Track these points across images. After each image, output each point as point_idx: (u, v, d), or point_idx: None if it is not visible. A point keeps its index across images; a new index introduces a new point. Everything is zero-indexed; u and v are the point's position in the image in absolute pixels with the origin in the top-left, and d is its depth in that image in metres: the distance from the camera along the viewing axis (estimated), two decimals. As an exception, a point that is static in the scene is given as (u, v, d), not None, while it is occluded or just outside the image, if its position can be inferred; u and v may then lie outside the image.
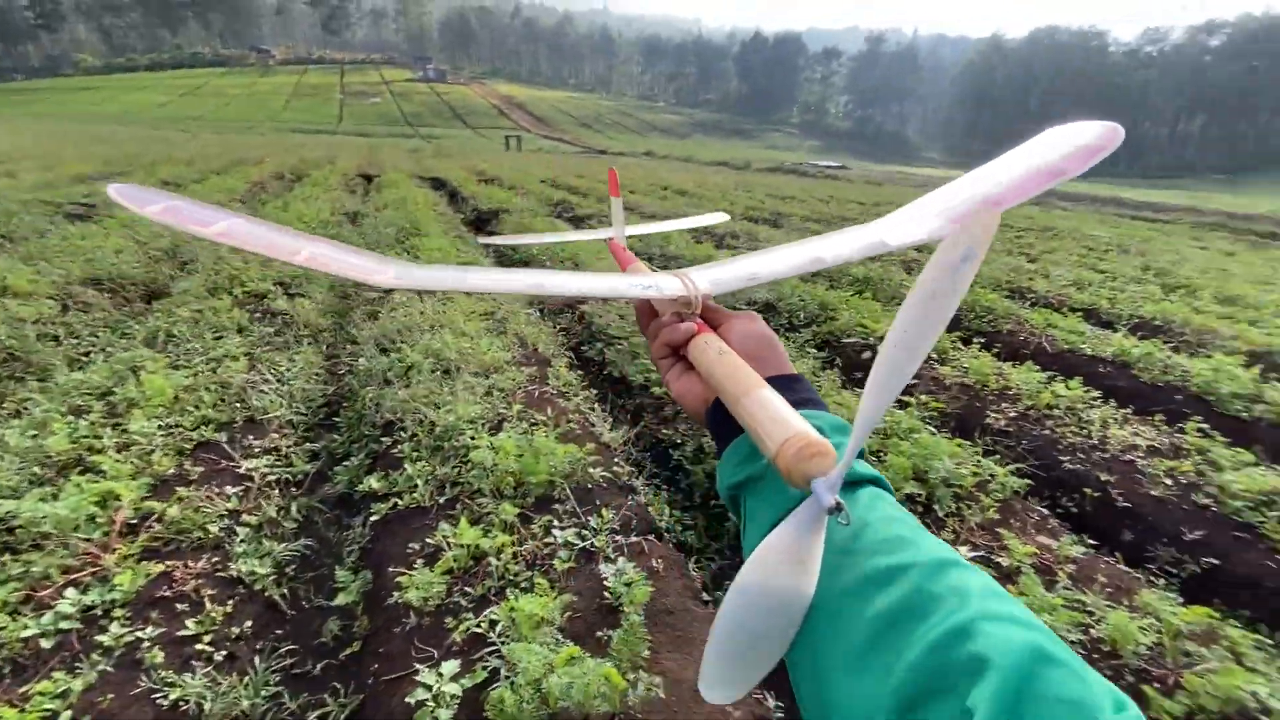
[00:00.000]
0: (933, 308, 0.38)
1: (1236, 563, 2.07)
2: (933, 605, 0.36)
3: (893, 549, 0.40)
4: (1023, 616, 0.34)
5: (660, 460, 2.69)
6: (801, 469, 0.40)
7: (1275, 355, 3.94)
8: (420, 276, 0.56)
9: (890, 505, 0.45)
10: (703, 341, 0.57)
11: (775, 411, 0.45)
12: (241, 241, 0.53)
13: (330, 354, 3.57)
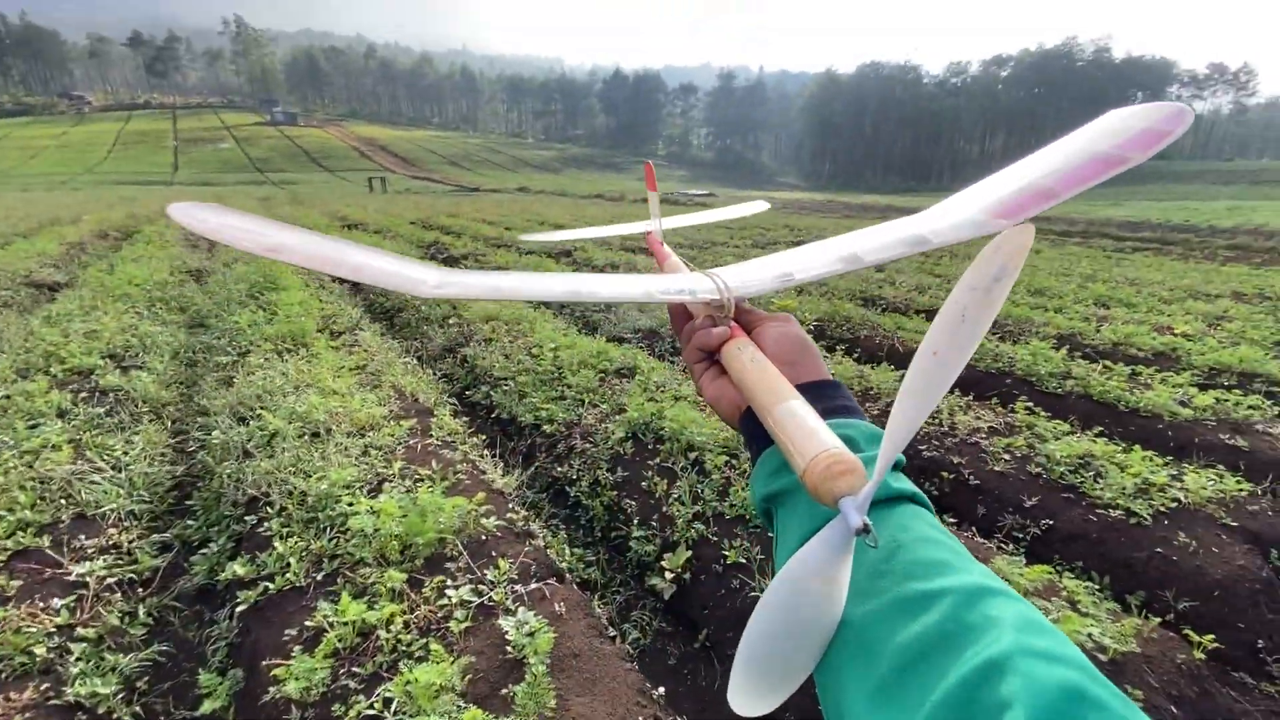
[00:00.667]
0: (965, 326, 0.37)
1: (1066, 521, 2.38)
2: (966, 637, 0.34)
3: (927, 573, 0.38)
4: (1061, 651, 0.32)
5: (557, 499, 2.66)
6: (829, 487, 0.38)
7: (1077, 336, 4.63)
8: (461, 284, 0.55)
9: (927, 524, 0.43)
10: (735, 347, 0.56)
11: (805, 425, 0.43)
12: (293, 257, 0.52)
13: (178, 430, 3.20)
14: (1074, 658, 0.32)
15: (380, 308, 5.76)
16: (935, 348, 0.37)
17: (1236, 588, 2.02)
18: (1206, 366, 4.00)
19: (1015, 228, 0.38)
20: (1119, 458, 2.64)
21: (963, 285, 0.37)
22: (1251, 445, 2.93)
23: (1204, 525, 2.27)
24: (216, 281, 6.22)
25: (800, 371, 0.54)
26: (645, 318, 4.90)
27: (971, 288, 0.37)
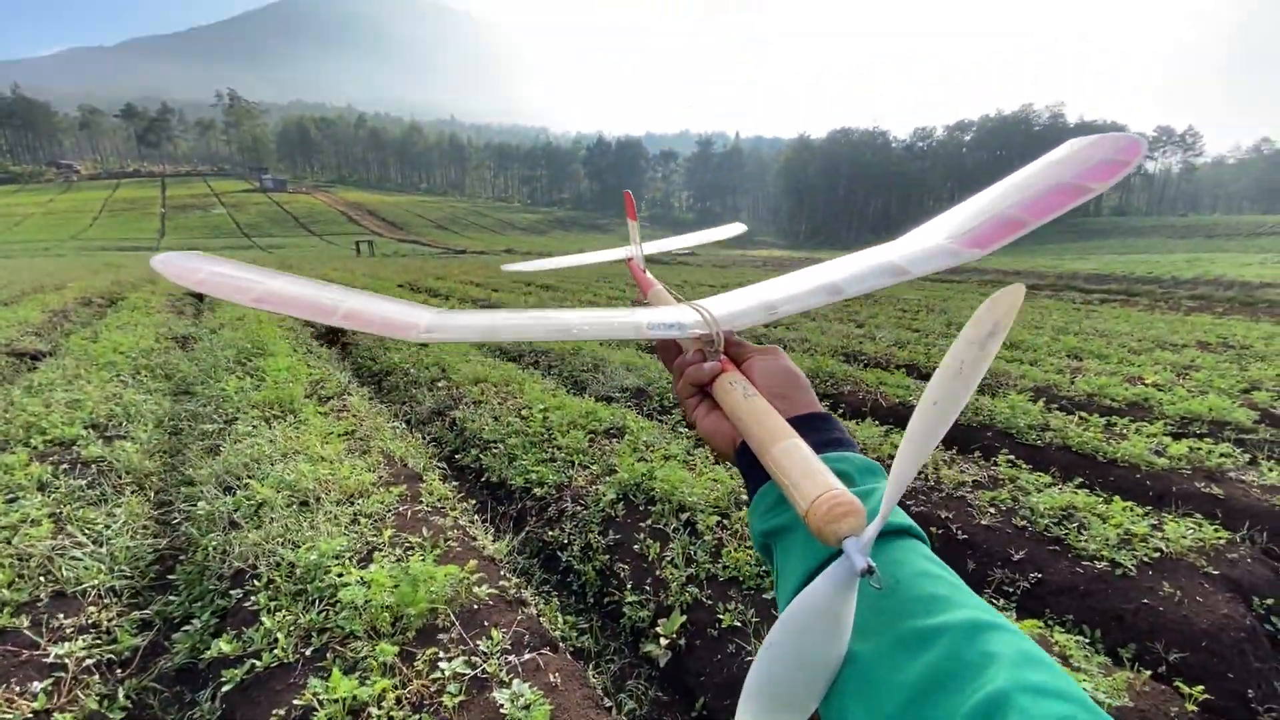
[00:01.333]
0: (961, 379, 0.39)
1: (1054, 574, 2.40)
2: (965, 674, 0.35)
3: (926, 609, 0.39)
4: (1057, 686, 0.33)
5: (549, 564, 2.64)
6: (833, 529, 0.39)
7: (1053, 388, 4.76)
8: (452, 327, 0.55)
9: (924, 559, 0.43)
10: (728, 382, 0.56)
11: (804, 465, 0.44)
12: (280, 306, 0.52)
13: (161, 501, 3.15)
14: (1071, 692, 0.33)
15: (368, 371, 5.78)
16: (935, 398, 0.39)
17: (1223, 637, 2.04)
18: (1178, 416, 4.12)
19: (1009, 289, 0.40)
20: (1100, 508, 2.70)
21: (961, 339, 0.40)
22: (1226, 493, 3.01)
23: (1187, 575, 2.31)
24: (203, 348, 6.21)
25: (792, 405, 0.54)
26: (633, 376, 4.96)
27: (969, 342, 0.39)
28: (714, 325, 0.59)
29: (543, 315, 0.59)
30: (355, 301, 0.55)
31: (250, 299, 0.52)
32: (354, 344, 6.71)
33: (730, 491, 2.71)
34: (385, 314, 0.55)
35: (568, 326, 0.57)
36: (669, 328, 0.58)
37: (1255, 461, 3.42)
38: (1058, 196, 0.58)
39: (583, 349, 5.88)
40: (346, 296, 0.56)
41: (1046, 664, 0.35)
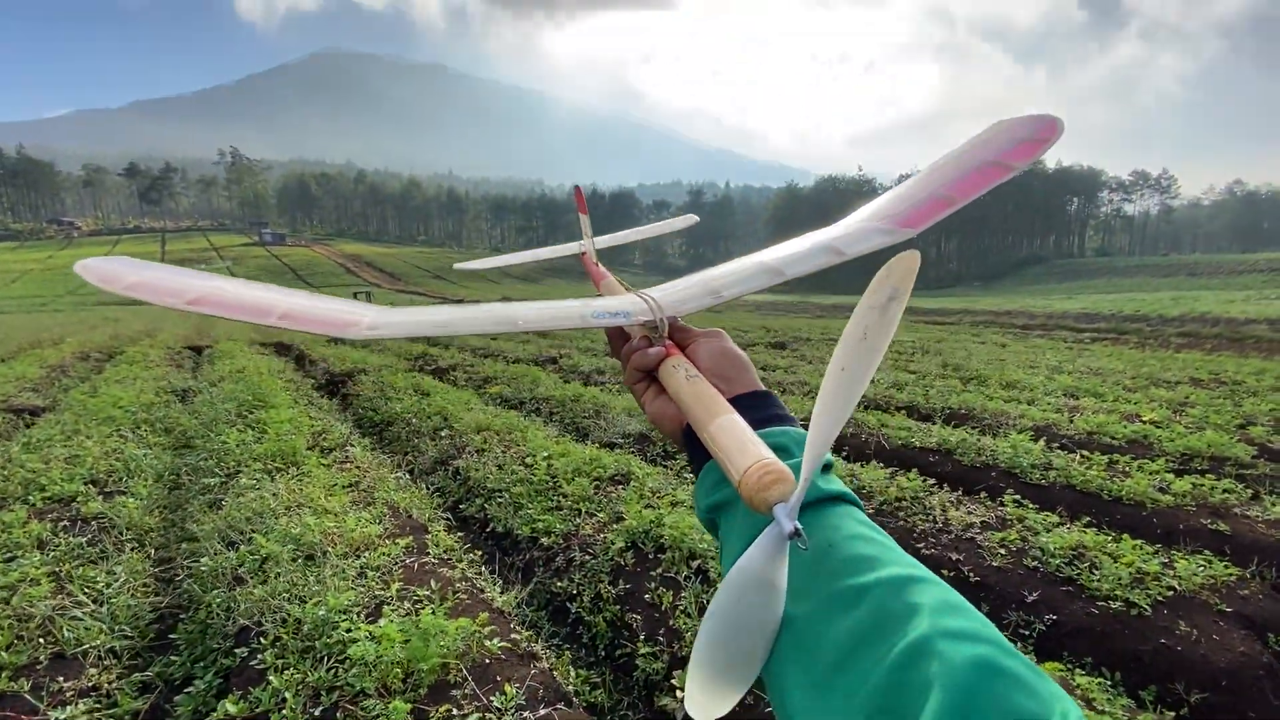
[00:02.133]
0: (868, 344, 0.41)
1: (1069, 615, 2.38)
2: (890, 626, 0.36)
3: (858, 568, 0.40)
4: (974, 629, 0.35)
5: (558, 616, 2.60)
6: (762, 497, 0.40)
7: (1052, 427, 4.79)
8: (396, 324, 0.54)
9: (857, 522, 0.45)
10: (671, 365, 0.57)
11: (738, 438, 0.45)
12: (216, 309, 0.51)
13: (162, 558, 3.10)
14: (987, 634, 0.34)
15: (370, 421, 5.77)
16: (843, 364, 0.41)
17: (1242, 675, 2.02)
18: (1178, 452, 4.14)
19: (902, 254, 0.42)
20: (1110, 547, 2.69)
21: (861, 306, 0.41)
22: (1233, 529, 3.01)
23: (1201, 613, 2.30)
24: (203, 401, 6.21)
25: (735, 385, 0.56)
26: (635, 422, 4.97)
27: (869, 307, 0.41)
28: (658, 312, 0.60)
29: (489, 309, 0.58)
30: (294, 302, 0.54)
31: (185, 301, 0.50)
32: (355, 394, 6.71)
33: (739, 537, 2.69)
34: (325, 313, 0.54)
35: (513, 319, 0.57)
36: (614, 316, 0.59)
37: (1258, 496, 3.43)
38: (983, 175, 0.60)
39: (583, 396, 5.91)
40: (285, 297, 0.55)
41: (965, 609, 0.37)
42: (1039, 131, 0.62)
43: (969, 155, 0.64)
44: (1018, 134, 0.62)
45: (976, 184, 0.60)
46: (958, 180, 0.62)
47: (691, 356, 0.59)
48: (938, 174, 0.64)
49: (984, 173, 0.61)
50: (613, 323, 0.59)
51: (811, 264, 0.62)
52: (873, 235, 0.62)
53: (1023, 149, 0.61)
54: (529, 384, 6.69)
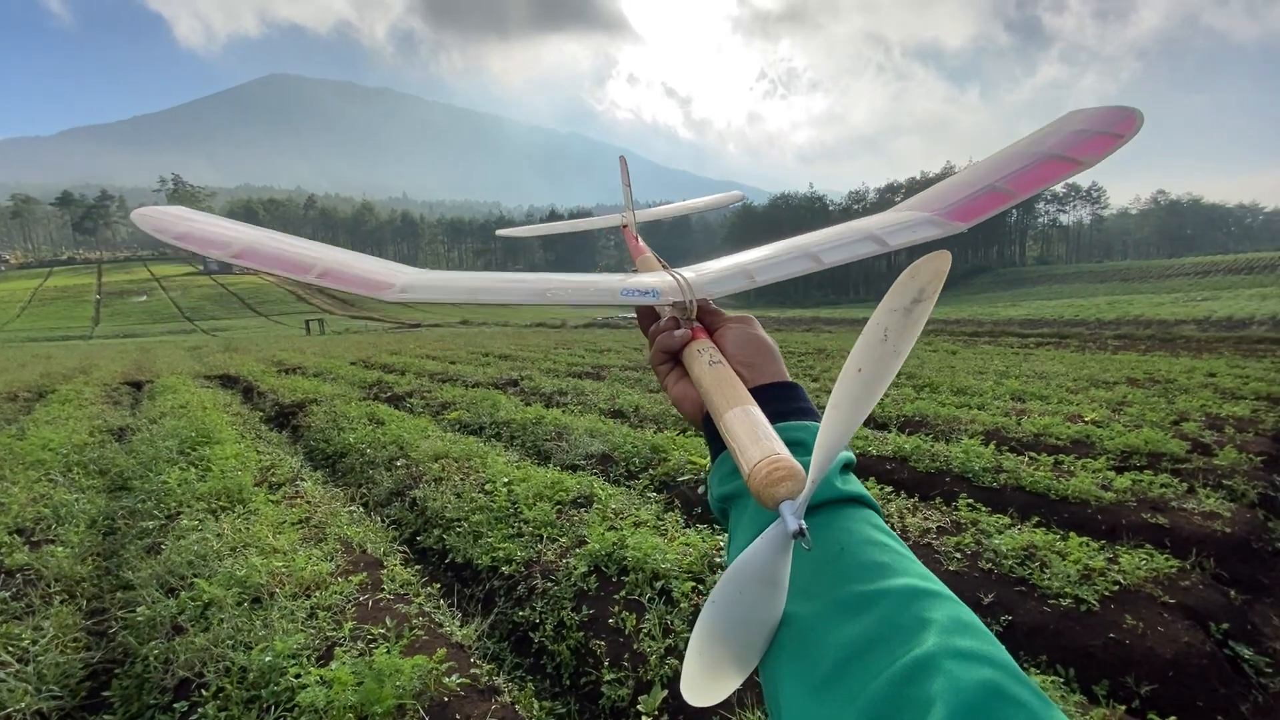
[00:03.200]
0: (888, 346, 0.39)
1: (1023, 614, 2.44)
2: (897, 638, 0.35)
3: (868, 575, 0.40)
4: (985, 651, 0.34)
5: (520, 647, 2.53)
6: (770, 492, 0.39)
7: (1001, 431, 4.95)
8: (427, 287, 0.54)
9: (872, 528, 0.44)
10: (696, 349, 0.56)
11: (752, 430, 0.44)
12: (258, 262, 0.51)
13: (95, 609, 2.91)
14: (997, 658, 0.34)
15: (322, 453, 5.57)
16: (859, 365, 0.39)
17: (1187, 665, 2.10)
18: (1118, 450, 4.33)
19: (932, 254, 0.40)
20: (1059, 545, 2.78)
21: (883, 307, 0.39)
22: (1171, 522, 3.15)
23: (1146, 605, 2.38)
24: (141, 439, 5.89)
25: (759, 373, 0.55)
26: (597, 442, 4.93)
27: (891, 309, 0.39)
28: (688, 292, 0.58)
29: (520, 278, 0.58)
30: (334, 260, 0.55)
31: (230, 254, 0.52)
32: (306, 426, 6.48)
33: (703, 555, 2.68)
34: (362, 273, 0.54)
35: (544, 290, 0.57)
36: (643, 294, 0.58)
37: (1193, 490, 3.60)
38: (1046, 169, 0.56)
39: (545, 418, 5.84)
40: (326, 254, 0.56)
41: (978, 630, 0.36)
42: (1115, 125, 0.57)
43: (1033, 147, 0.60)
44: (1091, 126, 0.58)
45: (1039, 178, 0.56)
46: (1018, 173, 0.58)
47: (719, 341, 0.58)
48: (997, 165, 0.60)
49: (1048, 167, 0.57)
50: (642, 301, 0.58)
51: (852, 252, 0.59)
52: (919, 226, 0.59)
53: (1095, 142, 0.56)
54: (489, 408, 6.58)
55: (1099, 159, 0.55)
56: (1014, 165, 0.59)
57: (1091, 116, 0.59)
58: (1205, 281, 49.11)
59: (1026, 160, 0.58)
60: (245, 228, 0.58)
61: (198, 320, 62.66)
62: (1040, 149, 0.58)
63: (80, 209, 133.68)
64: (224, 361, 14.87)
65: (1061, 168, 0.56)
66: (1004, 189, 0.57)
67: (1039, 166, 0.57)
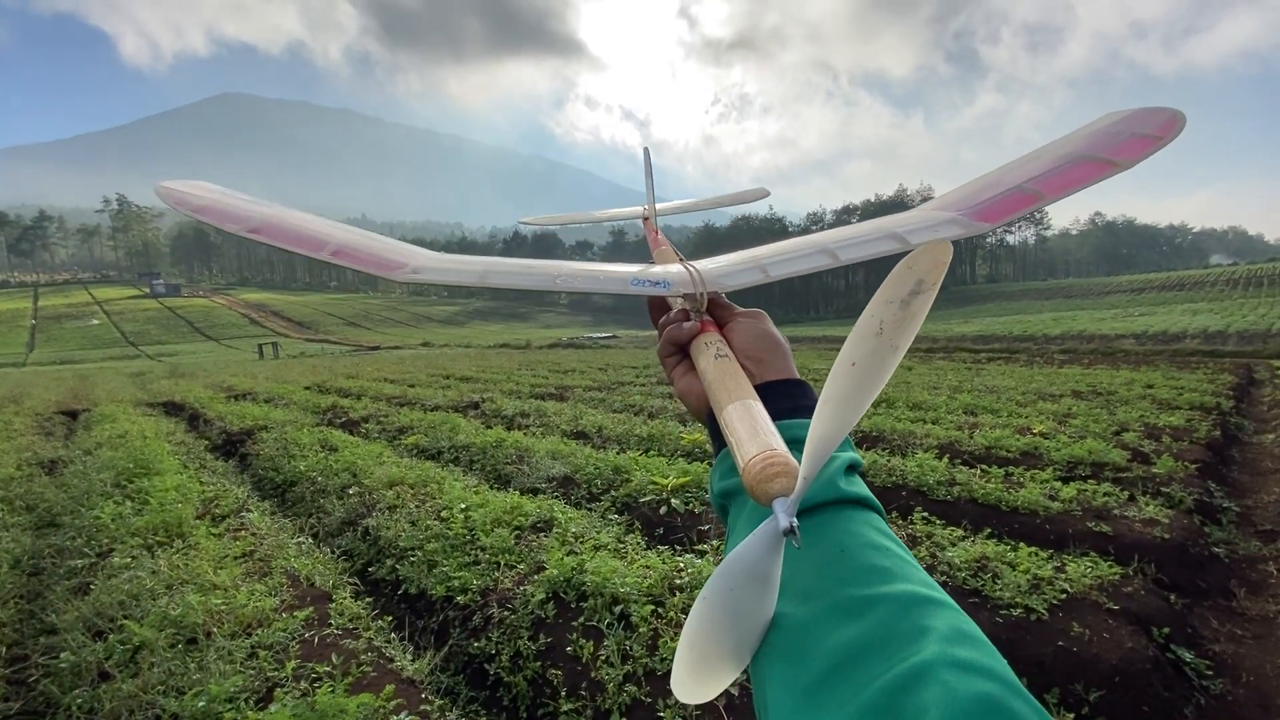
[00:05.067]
0: (884, 340, 0.37)
1: (977, 625, 2.48)
2: (894, 645, 0.34)
3: (868, 579, 0.39)
4: (984, 663, 0.33)
5: (475, 680, 2.45)
6: (764, 488, 0.38)
7: (955, 444, 5.08)
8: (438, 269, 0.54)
9: (874, 530, 0.43)
10: (704, 342, 0.55)
11: (751, 425, 0.43)
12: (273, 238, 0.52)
13: (14, 655, 2.70)
14: (996, 670, 0.33)
15: (271, 483, 5.35)
16: (853, 359, 0.37)
17: (1132, 670, 2.16)
18: (1064, 461, 4.48)
19: (932, 243, 0.38)
20: (1009, 556, 2.84)
21: (878, 299, 0.37)
22: (1114, 530, 3.26)
23: (1092, 612, 2.45)
24: (74, 472, 5.56)
25: (767, 369, 0.54)
26: (559, 465, 4.87)
27: (887, 301, 0.37)
28: (699, 285, 0.57)
29: (530, 263, 0.58)
30: (348, 239, 0.56)
31: (247, 229, 0.53)
32: (255, 454, 6.23)
33: (664, 577, 2.65)
34: (376, 252, 0.55)
35: (553, 275, 0.56)
36: (654, 285, 0.57)
37: (1134, 498, 3.74)
38: (1079, 170, 0.54)
39: (506, 441, 5.75)
40: (341, 233, 0.57)
41: (978, 641, 0.35)
42: (1156, 127, 0.54)
43: (1066, 147, 0.58)
44: (1130, 128, 0.56)
45: (1071, 180, 0.54)
46: (1050, 174, 0.55)
47: (728, 335, 0.57)
48: (1028, 165, 0.58)
49: (1081, 169, 0.54)
50: (652, 292, 0.57)
51: (870, 250, 0.57)
52: (943, 225, 0.57)
53: (1132, 144, 0.54)
54: (448, 432, 6.44)
55: (1136, 161, 0.53)
56: (1044, 166, 0.57)
57: (1129, 118, 0.57)
58: (1141, 298, 51.88)
59: (1058, 161, 0.57)
60: (262, 204, 0.58)
61: (142, 345, 60.10)
62: (1073, 150, 0.57)
63: (16, 230, 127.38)
64: (169, 388, 14.24)
65: (1096, 169, 0.54)
66: (1033, 190, 0.56)
67: (1072, 168, 0.55)
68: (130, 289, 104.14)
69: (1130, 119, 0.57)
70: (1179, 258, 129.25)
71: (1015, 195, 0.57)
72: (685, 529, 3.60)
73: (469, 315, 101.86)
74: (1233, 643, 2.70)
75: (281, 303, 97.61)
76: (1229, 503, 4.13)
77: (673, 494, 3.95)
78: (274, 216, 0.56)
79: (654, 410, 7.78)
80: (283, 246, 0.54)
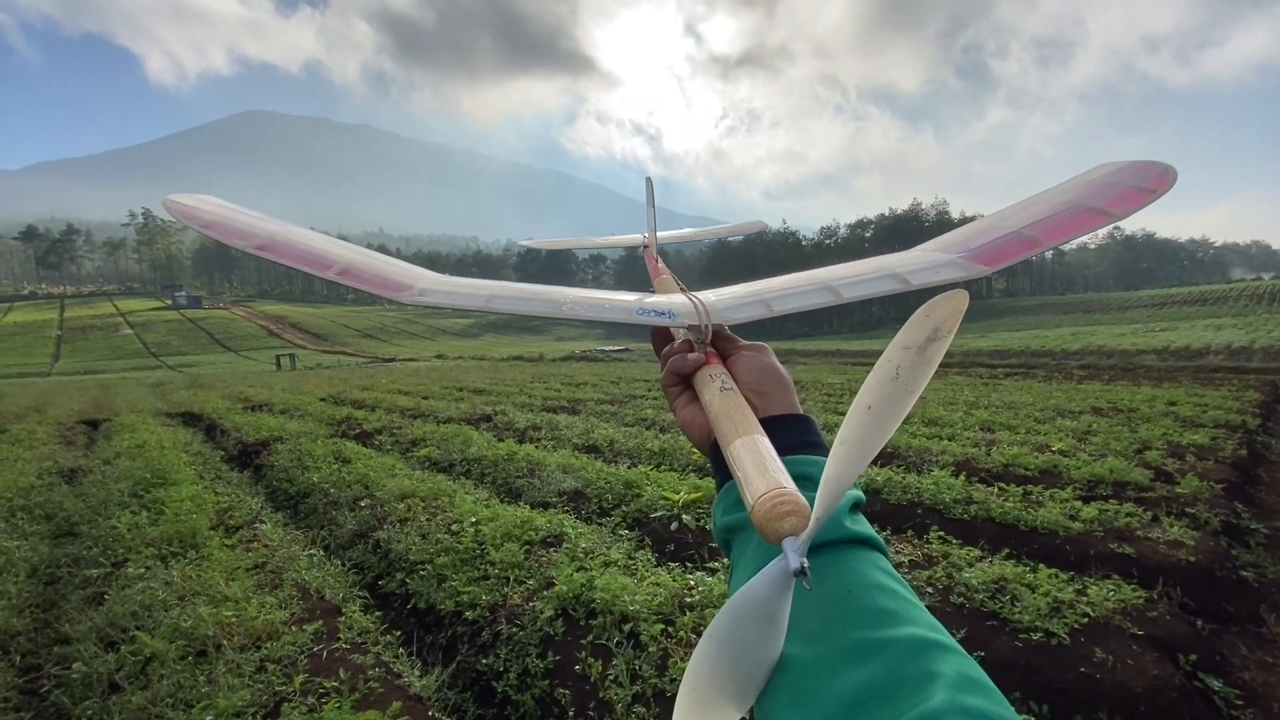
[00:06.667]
0: (900, 384, 0.37)
1: (996, 650, 2.42)
2: (903, 691, 0.34)
3: (874, 622, 0.38)
4: (994, 712, 0.33)
5: (483, 697, 2.42)
6: (774, 527, 0.38)
7: (971, 462, 5.00)
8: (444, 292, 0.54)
9: (881, 572, 0.43)
10: (708, 374, 0.55)
11: (760, 461, 0.43)
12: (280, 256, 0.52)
13: (27, 665, 2.72)
14: (1004, 718, 0.32)
15: (284, 494, 5.39)
16: (869, 402, 0.38)
17: (1158, 698, 2.09)
18: (1085, 479, 4.39)
19: (950, 293, 0.39)
20: (1028, 578, 2.78)
21: (896, 344, 0.38)
22: (1138, 552, 3.17)
23: (1116, 638, 2.38)
24: (93, 481, 5.65)
25: (771, 403, 0.54)
26: (570, 479, 4.85)
27: (905, 347, 0.38)
28: (704, 317, 0.58)
29: (535, 289, 0.59)
30: (355, 259, 0.56)
31: (254, 245, 0.53)
32: (269, 465, 6.28)
33: (673, 595, 2.62)
34: (383, 273, 0.55)
35: (559, 302, 0.57)
36: (658, 315, 0.58)
37: (1157, 519, 3.65)
38: (1076, 220, 0.57)
39: (517, 454, 5.74)
40: (348, 253, 0.57)
41: (986, 688, 0.34)
42: (1149, 180, 0.57)
43: (1065, 196, 0.60)
44: (1125, 180, 0.58)
45: (1067, 228, 0.57)
46: (1047, 221, 0.58)
47: (731, 367, 0.57)
48: (1026, 211, 0.60)
49: (1078, 218, 0.57)
50: (657, 322, 0.58)
51: (872, 289, 0.59)
52: (944, 268, 0.58)
53: (1128, 196, 0.57)
54: (460, 444, 6.46)
55: (1130, 213, 0.55)
56: (1043, 213, 0.59)
57: (1125, 170, 0.60)
58: (1163, 313, 51.02)
59: (1057, 209, 0.59)
60: (270, 221, 0.58)
61: (164, 356, 61.14)
62: (1071, 199, 0.59)
63: (45, 243, 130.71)
64: (188, 398, 14.44)
65: (1093, 219, 0.56)
66: (1031, 236, 0.58)
67: (1070, 217, 0.57)
68: (153, 301, 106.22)
69: (1125, 171, 0.60)
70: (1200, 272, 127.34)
71: (1014, 240, 0.58)
72: (696, 546, 3.56)
73: (483, 328, 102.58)
74: (1263, 671, 2.60)
75: (299, 315, 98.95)
76: (1257, 524, 4.01)
77: (684, 510, 3.91)
78: (281, 234, 0.56)
79: (665, 425, 7.75)
80: (289, 264, 0.53)
